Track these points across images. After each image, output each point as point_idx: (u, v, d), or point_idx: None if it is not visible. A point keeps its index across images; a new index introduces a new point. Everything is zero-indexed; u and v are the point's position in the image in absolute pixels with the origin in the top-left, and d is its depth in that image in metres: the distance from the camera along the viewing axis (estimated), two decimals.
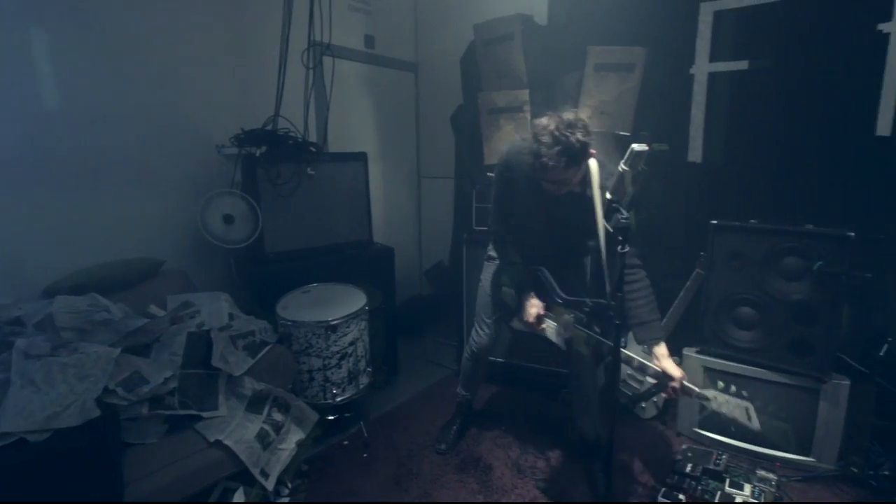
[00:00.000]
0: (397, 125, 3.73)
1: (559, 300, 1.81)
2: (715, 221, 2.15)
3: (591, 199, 1.65)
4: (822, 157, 2.28)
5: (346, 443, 2.24)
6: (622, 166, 1.62)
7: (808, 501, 1.83)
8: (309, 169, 2.43)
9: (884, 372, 1.96)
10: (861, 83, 2.17)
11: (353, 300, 2.16)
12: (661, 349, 1.67)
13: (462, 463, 2.12)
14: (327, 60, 2.73)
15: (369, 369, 2.22)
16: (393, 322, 2.70)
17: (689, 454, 2.02)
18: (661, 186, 2.63)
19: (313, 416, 1.91)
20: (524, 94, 2.78)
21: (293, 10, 2.49)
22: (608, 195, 1.73)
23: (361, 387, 2.16)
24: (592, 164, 1.65)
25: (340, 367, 2.06)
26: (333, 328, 2.01)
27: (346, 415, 2.29)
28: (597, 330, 1.73)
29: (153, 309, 1.95)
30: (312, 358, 2.02)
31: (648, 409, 2.34)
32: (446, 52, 3.30)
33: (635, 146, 1.56)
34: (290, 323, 2.01)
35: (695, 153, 2.65)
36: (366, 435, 2.24)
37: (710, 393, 1.57)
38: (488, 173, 2.48)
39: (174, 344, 1.73)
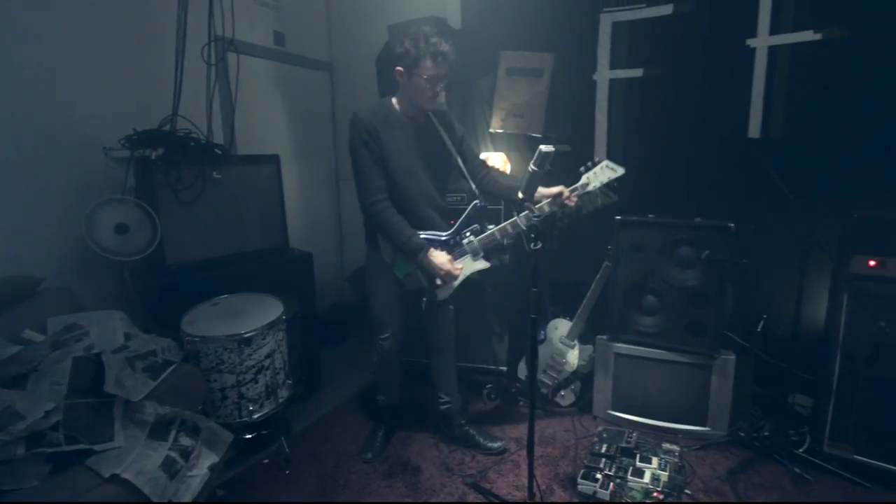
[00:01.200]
0: (313, 126, 3.61)
1: (447, 239, 1.96)
2: (619, 217, 2.31)
3: (439, 133, 1.97)
4: (706, 156, 2.54)
5: (266, 461, 2.12)
6: (531, 167, 1.70)
7: (707, 467, 2.03)
8: (215, 173, 2.26)
9: (761, 345, 2.23)
10: (735, 91, 2.45)
11: (269, 310, 2.05)
12: (539, 189, 1.88)
13: (390, 468, 2.09)
14: (232, 57, 2.57)
15: (289, 381, 2.12)
16: (314, 330, 2.60)
17: (605, 435, 2.15)
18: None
19: (227, 437, 1.78)
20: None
21: (190, 2, 2.31)
22: (520, 195, 1.81)
23: (281, 400, 2.06)
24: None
25: (257, 382, 1.94)
26: (247, 341, 1.90)
27: (265, 432, 2.17)
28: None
29: (28, 334, 1.71)
30: (225, 375, 1.88)
31: (567, 397, 2.46)
32: (361, 52, 3.25)
33: (542, 147, 1.64)
34: (197, 339, 1.86)
35: (600, 154, 2.83)
36: (287, 451, 2.13)
37: (583, 179, 1.89)
38: None
39: (56, 372, 1.53)
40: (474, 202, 1.95)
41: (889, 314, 1.83)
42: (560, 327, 2.48)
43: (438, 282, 1.93)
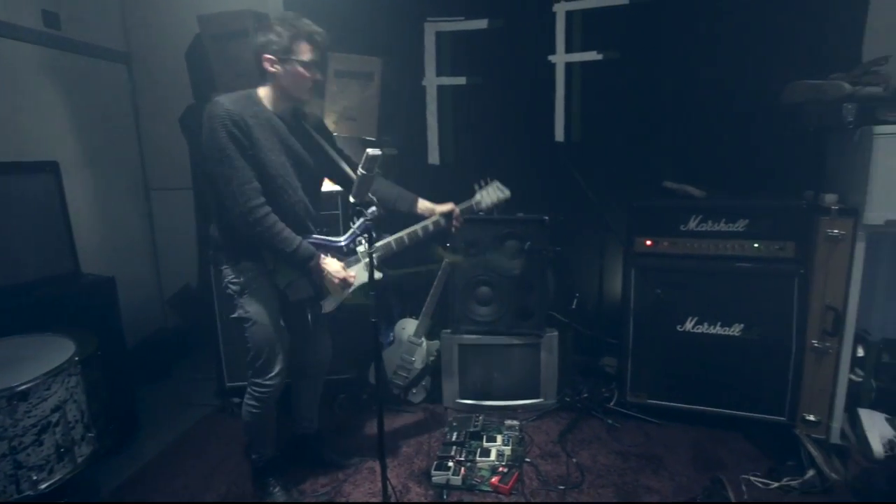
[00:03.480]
0: (110, 127, 3.06)
1: (340, 245, 1.83)
2: None
3: (312, 135, 1.79)
4: (525, 157, 2.84)
5: None
6: (360, 171, 1.68)
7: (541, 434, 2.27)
8: None
9: (577, 319, 2.58)
10: (543, 100, 2.79)
11: (53, 353, 1.66)
12: (424, 203, 1.93)
13: None
14: None
15: (91, 434, 1.75)
16: (125, 368, 2.21)
17: (455, 424, 2.26)
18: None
19: None
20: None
21: None
22: (351, 199, 1.77)
23: (81, 460, 1.69)
24: None
25: (42, 444, 1.56)
26: (22, 395, 1.50)
27: (61, 503, 1.77)
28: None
29: None
30: None
31: (418, 394, 2.52)
32: (168, 44, 2.86)
33: (370, 150, 1.63)
34: None
35: (433, 156, 2.96)
36: None
37: (475, 198, 1.96)
38: None
39: None
40: (371, 209, 1.72)
41: (662, 283, 2.28)
42: (408, 327, 2.53)
43: (328, 302, 1.78)
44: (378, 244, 1.84)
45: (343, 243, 1.83)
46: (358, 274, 1.81)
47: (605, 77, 2.65)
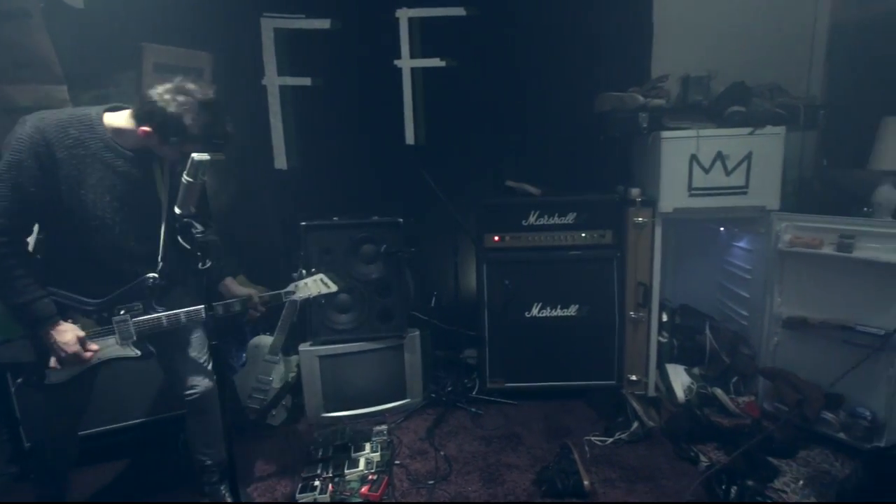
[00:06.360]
0: None
1: (92, 309, 1.52)
2: (304, 223, 2.33)
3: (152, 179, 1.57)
4: (377, 160, 2.83)
5: None
6: (185, 178, 1.50)
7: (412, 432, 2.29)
8: None
9: (437, 316, 2.66)
10: (392, 104, 2.81)
11: None
12: (228, 282, 1.74)
13: None
14: None
15: None
16: None
17: (320, 440, 2.17)
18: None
19: None
20: (62, 92, 2.23)
21: None
22: (177, 210, 1.58)
23: None
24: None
25: None
26: None
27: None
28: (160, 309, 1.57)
29: None
30: None
31: (279, 415, 2.36)
32: None
33: (195, 155, 1.47)
34: None
35: (280, 160, 2.80)
36: None
37: (291, 286, 1.72)
38: None
39: None
40: (152, 275, 1.54)
41: (510, 274, 2.47)
42: (261, 345, 2.35)
43: (53, 363, 1.45)
44: (141, 319, 1.54)
45: (92, 307, 1.52)
46: (103, 348, 1.52)
47: (449, 83, 2.78)
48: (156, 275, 1.55)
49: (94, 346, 1.48)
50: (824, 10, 2.69)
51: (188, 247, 1.62)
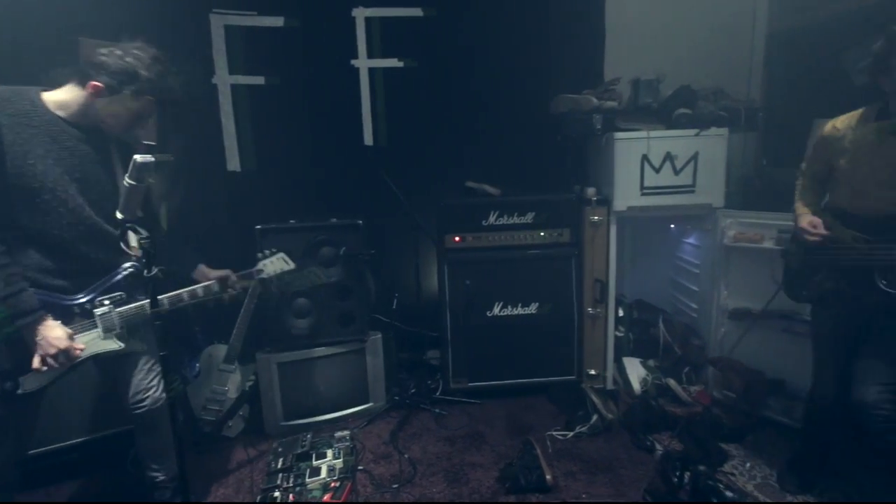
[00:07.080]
0: None
1: (72, 304, 1.46)
2: (259, 227, 2.26)
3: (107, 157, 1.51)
4: (334, 162, 2.78)
5: None
6: (127, 181, 1.43)
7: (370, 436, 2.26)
8: None
9: (398, 318, 2.64)
10: (350, 104, 2.77)
11: None
12: (202, 268, 1.75)
13: None
14: None
15: None
16: None
17: (280, 449, 2.10)
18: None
19: None
20: None
21: None
22: (119, 214, 1.50)
23: None
24: None
25: None
26: None
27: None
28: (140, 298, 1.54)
29: None
30: None
31: (236, 426, 2.28)
32: None
33: (137, 157, 1.40)
34: None
35: (233, 162, 2.70)
36: None
37: (257, 266, 1.83)
38: None
39: None
40: (130, 263, 1.50)
41: (471, 274, 2.48)
42: (216, 354, 2.26)
43: (37, 363, 1.35)
44: (126, 307, 1.50)
45: (81, 301, 1.47)
46: (89, 344, 1.46)
47: (407, 83, 2.77)
48: (134, 263, 1.52)
49: (80, 344, 1.42)
50: (762, 19, 2.85)
51: (130, 253, 1.54)
